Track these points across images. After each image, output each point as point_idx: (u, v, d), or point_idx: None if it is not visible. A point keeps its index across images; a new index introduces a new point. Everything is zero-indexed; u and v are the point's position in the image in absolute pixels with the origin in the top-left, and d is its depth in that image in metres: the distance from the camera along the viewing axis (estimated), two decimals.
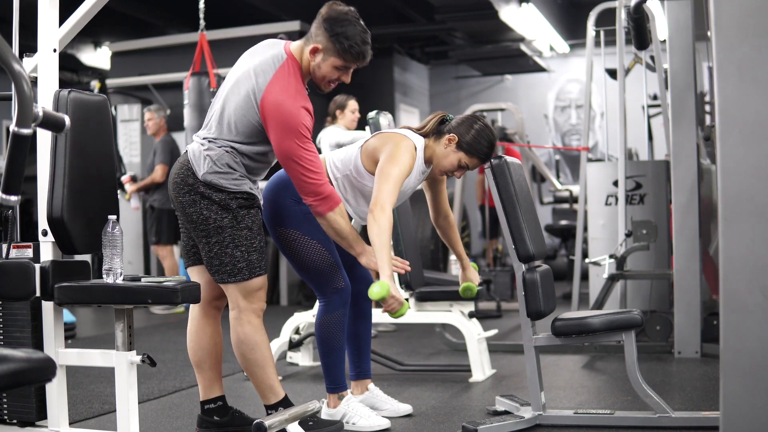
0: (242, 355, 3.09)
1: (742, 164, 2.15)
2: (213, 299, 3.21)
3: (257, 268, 3.04)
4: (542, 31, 9.93)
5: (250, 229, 3.03)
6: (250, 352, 3.08)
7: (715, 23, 2.18)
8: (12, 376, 1.67)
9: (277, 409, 3.09)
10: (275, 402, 3.11)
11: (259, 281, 3.06)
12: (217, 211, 2.99)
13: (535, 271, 3.31)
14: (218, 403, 3.22)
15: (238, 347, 3.09)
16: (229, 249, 3.00)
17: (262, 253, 3.07)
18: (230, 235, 3.00)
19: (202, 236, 3.02)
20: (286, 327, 4.62)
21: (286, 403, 3.12)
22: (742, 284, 2.14)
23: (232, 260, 3.01)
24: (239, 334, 3.07)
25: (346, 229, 3.11)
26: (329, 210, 3.04)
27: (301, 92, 3.00)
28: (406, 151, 3.27)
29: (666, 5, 5.05)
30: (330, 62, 3.03)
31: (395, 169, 3.23)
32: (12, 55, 2.00)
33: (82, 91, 2.99)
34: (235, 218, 3.00)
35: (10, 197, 2.11)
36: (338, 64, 3.04)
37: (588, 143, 6.14)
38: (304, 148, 2.96)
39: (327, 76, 3.05)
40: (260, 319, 3.09)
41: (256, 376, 3.11)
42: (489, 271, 7.96)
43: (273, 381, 3.11)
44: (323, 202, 3.02)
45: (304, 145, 2.95)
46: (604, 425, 3.26)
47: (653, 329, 5.18)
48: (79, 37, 8.43)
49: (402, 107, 10.96)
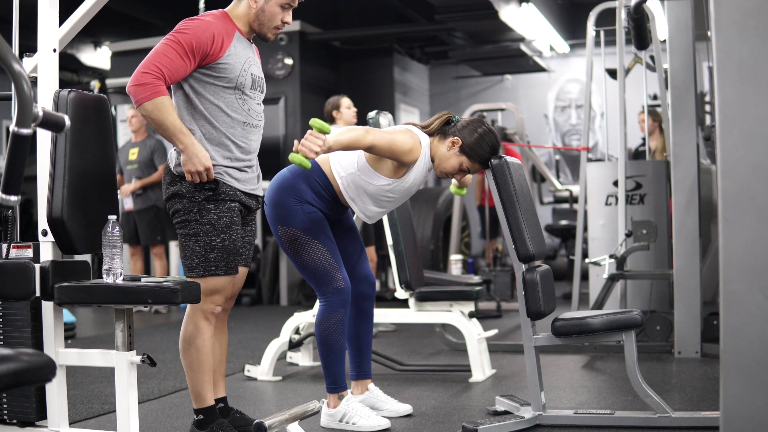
0: (180, 352, 3.07)
1: (742, 164, 2.15)
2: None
3: (213, 268, 2.98)
4: (542, 31, 9.93)
5: (214, 226, 2.99)
6: (185, 352, 3.04)
7: (715, 23, 2.17)
8: (12, 376, 1.67)
9: (198, 415, 3.05)
10: (198, 408, 3.06)
11: (215, 282, 3.00)
12: (185, 204, 3.00)
13: (535, 271, 3.31)
14: (219, 404, 3.21)
15: (180, 343, 3.07)
16: (190, 242, 2.99)
17: (224, 253, 3.00)
18: (193, 229, 2.99)
19: (176, 230, 3.06)
20: (286, 327, 4.62)
21: (210, 412, 3.05)
22: (742, 284, 2.14)
23: (192, 254, 2.99)
24: (182, 331, 3.06)
25: (165, 121, 2.90)
26: (145, 99, 2.87)
27: (213, 16, 3.03)
28: (410, 138, 3.28)
29: (666, 5, 5.05)
30: (274, 1, 3.06)
31: (397, 135, 3.25)
32: (12, 55, 2.00)
33: (82, 91, 2.99)
34: (199, 212, 2.98)
35: (10, 197, 2.11)
36: (282, 2, 3.07)
37: (588, 143, 6.14)
38: (167, 39, 2.95)
39: (274, 16, 3.07)
40: (208, 322, 3.02)
41: (187, 376, 3.07)
42: (489, 271, 7.96)
43: (201, 387, 3.04)
44: (138, 89, 2.88)
45: (169, 38, 2.95)
46: (604, 425, 3.26)
47: (653, 329, 5.18)
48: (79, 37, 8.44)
49: (402, 107, 10.96)
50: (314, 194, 3.37)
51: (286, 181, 3.35)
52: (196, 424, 3.06)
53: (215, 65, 2.99)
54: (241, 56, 3.05)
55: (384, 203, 3.43)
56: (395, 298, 4.95)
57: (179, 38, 2.94)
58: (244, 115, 3.06)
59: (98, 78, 10.40)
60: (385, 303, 7.30)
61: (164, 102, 2.89)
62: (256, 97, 3.12)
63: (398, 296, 4.65)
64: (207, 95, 3.01)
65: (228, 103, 3.02)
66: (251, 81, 3.08)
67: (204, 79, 3.01)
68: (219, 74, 3.00)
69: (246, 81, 3.05)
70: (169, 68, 2.91)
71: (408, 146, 3.26)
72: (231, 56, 3.01)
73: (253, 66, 3.11)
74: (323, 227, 3.36)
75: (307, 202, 3.34)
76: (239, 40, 3.07)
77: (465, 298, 4.54)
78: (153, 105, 2.87)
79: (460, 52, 10.82)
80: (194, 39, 2.94)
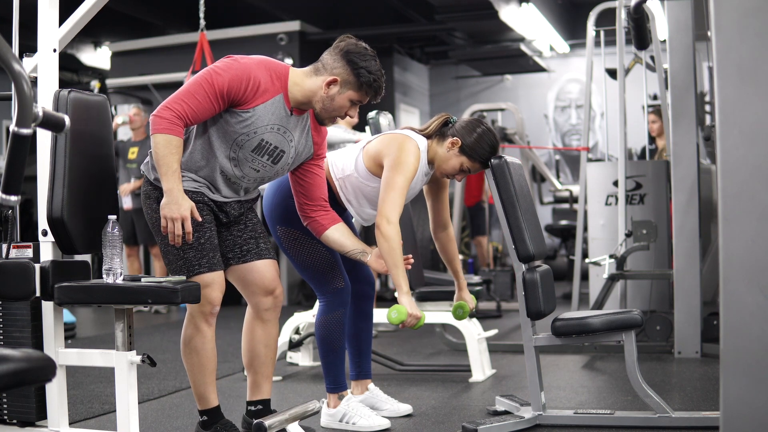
0: (181, 354, 3.05)
1: (742, 164, 2.15)
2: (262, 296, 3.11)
3: (196, 267, 2.92)
4: (542, 31, 9.93)
5: None
6: (185, 355, 3.02)
7: (715, 23, 2.17)
8: (12, 376, 1.67)
9: (202, 416, 3.05)
10: (201, 410, 3.05)
11: (203, 279, 2.92)
12: (153, 207, 2.96)
13: (535, 271, 3.31)
14: (258, 406, 3.18)
15: (180, 345, 3.04)
16: (169, 248, 2.93)
17: (203, 251, 2.93)
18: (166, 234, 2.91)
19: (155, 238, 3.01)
20: (286, 327, 4.62)
21: (214, 414, 3.04)
22: (742, 284, 2.14)
23: (173, 258, 2.94)
24: (182, 334, 3.02)
25: (164, 158, 2.81)
26: (159, 131, 2.81)
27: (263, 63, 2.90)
28: (411, 154, 3.25)
29: (666, 5, 5.05)
30: (347, 95, 2.95)
31: (400, 178, 3.20)
32: (12, 55, 2.00)
33: (82, 91, 2.99)
34: None
35: (10, 197, 2.11)
36: (355, 98, 2.97)
37: (588, 143, 6.14)
38: (202, 78, 2.84)
39: (340, 108, 2.97)
40: (207, 324, 2.97)
41: (189, 378, 3.05)
42: (489, 271, 7.96)
43: (203, 389, 3.02)
44: (157, 121, 2.83)
45: (204, 76, 2.85)
46: (604, 425, 3.26)
47: (653, 329, 5.18)
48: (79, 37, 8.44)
49: (402, 107, 10.96)
50: None
51: (284, 182, 3.35)
52: (201, 425, 3.06)
53: (234, 110, 2.87)
54: (263, 119, 2.89)
55: None
56: (395, 298, 4.94)
57: (214, 79, 2.82)
58: (227, 165, 2.94)
59: (98, 78, 10.41)
60: (385, 303, 7.30)
61: (173, 141, 2.81)
62: (255, 162, 2.95)
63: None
64: (212, 127, 2.92)
65: (222, 145, 2.92)
66: (256, 144, 2.91)
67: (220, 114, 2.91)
68: (232, 118, 2.89)
69: (249, 142, 2.90)
70: (196, 111, 2.82)
71: (415, 166, 3.25)
72: (254, 113, 2.88)
73: (274, 135, 2.94)
74: None
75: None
76: (275, 104, 2.90)
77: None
78: (162, 139, 2.80)
79: (460, 52, 10.83)
80: (228, 83, 2.82)
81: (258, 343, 3.13)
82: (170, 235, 2.80)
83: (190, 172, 2.96)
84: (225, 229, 3.08)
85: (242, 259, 3.08)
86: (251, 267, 3.09)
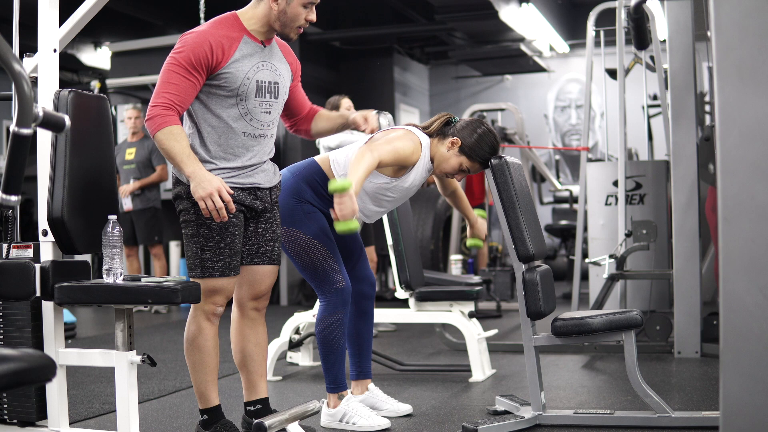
0: (184, 352, 3.06)
1: (742, 164, 2.15)
2: (249, 299, 3.14)
3: (209, 269, 2.96)
4: (542, 31, 9.93)
5: (208, 227, 2.95)
6: (188, 352, 3.04)
7: (715, 23, 2.17)
8: (12, 376, 1.67)
9: (203, 415, 3.06)
10: (202, 408, 3.06)
11: (213, 282, 2.97)
12: (185, 205, 2.99)
13: (535, 271, 3.31)
14: (257, 406, 3.18)
15: (184, 343, 3.06)
16: (190, 243, 2.99)
17: (220, 255, 2.96)
18: (191, 230, 2.98)
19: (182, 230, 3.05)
20: (286, 327, 4.62)
21: (214, 413, 3.06)
22: (742, 284, 2.14)
23: (191, 254, 2.99)
24: (186, 331, 3.04)
25: (172, 149, 2.86)
26: (155, 130, 2.86)
27: (212, 24, 2.97)
28: (411, 141, 3.30)
29: (666, 5, 5.05)
30: (296, 2, 2.97)
31: (398, 142, 3.26)
32: (12, 55, 2.00)
33: (82, 91, 2.99)
34: (195, 213, 2.96)
35: (10, 197, 2.11)
36: (305, 1, 2.99)
37: (588, 143, 6.14)
38: (168, 63, 2.92)
39: (297, 16, 2.99)
40: (210, 323, 3.00)
41: (191, 376, 3.07)
42: (489, 271, 7.96)
43: (205, 388, 3.04)
44: (150, 123, 2.87)
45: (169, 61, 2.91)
46: (604, 425, 3.26)
47: (653, 329, 5.18)
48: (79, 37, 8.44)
49: (402, 107, 10.96)
50: (314, 194, 3.37)
51: (286, 182, 3.36)
52: (201, 424, 3.07)
53: (217, 75, 2.92)
54: (246, 63, 2.95)
55: (383, 203, 3.44)
56: (395, 298, 4.95)
57: (177, 59, 2.89)
58: (245, 125, 2.99)
59: (98, 78, 10.39)
60: (385, 303, 7.31)
61: (172, 130, 2.85)
62: (263, 105, 3.02)
63: (398, 296, 4.66)
64: (210, 105, 2.96)
65: (229, 113, 2.96)
66: (255, 88, 2.98)
67: (207, 89, 2.95)
68: (220, 83, 2.93)
69: (249, 89, 2.96)
70: (178, 94, 2.87)
71: (410, 150, 3.29)
72: (235, 63, 2.93)
73: (263, 71, 3.00)
74: (323, 227, 3.36)
75: (307, 201, 3.35)
76: (246, 45, 2.97)
77: (465, 298, 4.54)
78: (163, 134, 2.84)
79: (460, 52, 10.83)
80: (192, 54, 2.88)
81: (248, 343, 3.16)
82: (213, 213, 2.84)
83: (218, 160, 2.99)
84: (253, 222, 3.09)
85: (254, 261, 3.10)
86: (257, 269, 3.11)
